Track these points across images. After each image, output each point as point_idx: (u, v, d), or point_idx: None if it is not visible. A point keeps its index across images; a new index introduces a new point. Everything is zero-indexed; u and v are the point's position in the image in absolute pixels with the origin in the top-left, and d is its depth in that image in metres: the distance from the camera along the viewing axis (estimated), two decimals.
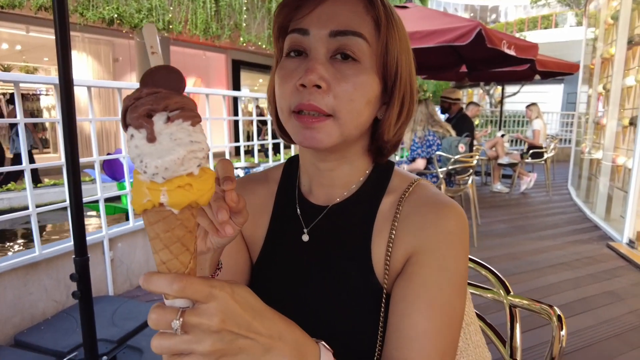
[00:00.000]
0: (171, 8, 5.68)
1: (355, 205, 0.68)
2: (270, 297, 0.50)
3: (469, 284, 1.00)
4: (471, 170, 4.20)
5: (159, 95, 0.36)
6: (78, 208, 1.84)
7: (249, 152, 7.03)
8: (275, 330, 0.43)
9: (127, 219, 4.79)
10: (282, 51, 0.63)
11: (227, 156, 4.18)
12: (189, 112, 0.37)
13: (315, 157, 0.67)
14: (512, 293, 0.95)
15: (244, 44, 6.97)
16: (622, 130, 4.78)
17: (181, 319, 0.37)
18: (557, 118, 12.77)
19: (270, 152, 4.70)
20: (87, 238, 2.68)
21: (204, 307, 0.38)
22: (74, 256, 1.87)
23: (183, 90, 0.38)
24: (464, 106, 5.95)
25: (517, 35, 16.30)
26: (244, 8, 6.55)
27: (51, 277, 2.54)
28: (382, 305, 0.64)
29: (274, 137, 4.70)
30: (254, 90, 14.14)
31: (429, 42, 3.54)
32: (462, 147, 4.01)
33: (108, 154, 3.84)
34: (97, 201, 2.81)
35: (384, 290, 0.64)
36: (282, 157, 4.81)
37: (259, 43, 7.05)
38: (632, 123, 4.36)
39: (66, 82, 1.72)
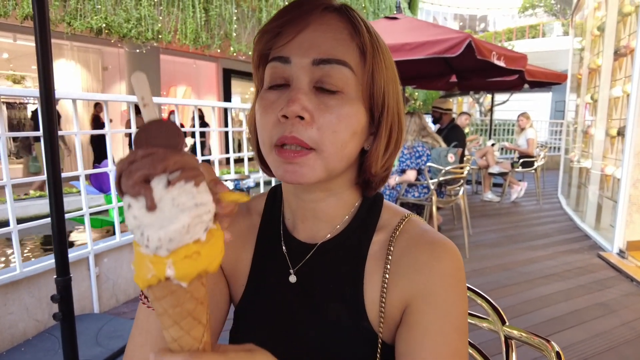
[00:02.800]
0: (160, 18, 5.64)
1: (345, 244, 0.64)
2: (255, 342, 0.46)
3: None
4: (462, 181, 4.19)
5: (155, 157, 0.32)
6: (60, 226, 1.78)
7: (238, 161, 6.95)
8: None
9: (114, 232, 4.73)
10: (262, 81, 0.60)
11: (217, 166, 4.13)
12: (191, 172, 0.33)
13: (299, 189, 0.63)
14: (507, 323, 0.92)
15: (234, 54, 6.95)
16: (610, 140, 4.82)
17: None
18: (546, 126, 12.92)
19: None
20: (72, 254, 2.63)
21: None
22: (55, 276, 1.80)
23: (181, 146, 0.34)
24: (455, 116, 5.97)
25: (506, 44, 16.54)
26: (234, 18, 6.54)
27: (33, 295, 2.46)
28: (378, 354, 0.60)
29: None
30: (245, 98, 14.12)
31: (419, 54, 3.55)
32: (451, 157, 4.00)
33: (95, 165, 3.77)
34: (81, 215, 2.74)
35: (380, 338, 0.60)
36: None
37: (250, 53, 7.02)
38: (620, 133, 4.40)
39: (47, 96, 1.67)
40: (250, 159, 4.47)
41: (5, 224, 2.31)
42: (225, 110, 4.21)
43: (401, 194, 4.06)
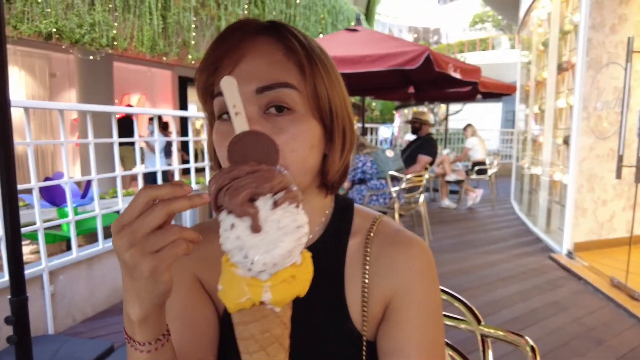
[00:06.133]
0: (115, 24, 5.45)
1: (322, 251, 0.65)
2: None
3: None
4: (421, 189, 4.34)
5: (260, 175, 0.31)
6: (15, 243, 1.68)
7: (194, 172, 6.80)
8: None
9: (69, 247, 4.47)
10: (212, 114, 0.61)
11: (177, 176, 4.03)
12: (293, 192, 0.33)
13: None
14: (482, 323, 0.97)
15: (193, 62, 6.83)
16: (557, 148, 5.14)
17: None
18: (497, 135, 13.57)
19: None
20: (25, 272, 2.46)
21: None
22: (9, 296, 1.69)
23: (278, 162, 0.34)
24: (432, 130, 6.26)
25: (459, 56, 17.27)
26: (193, 26, 6.43)
27: None
28: (364, 353, 0.63)
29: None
30: (201, 107, 13.86)
31: (379, 66, 3.64)
32: (389, 153, 4.28)
33: (47, 178, 3.57)
34: (35, 230, 2.58)
35: (364, 338, 0.63)
36: None
37: None
38: (566, 142, 4.70)
39: (2, 104, 1.58)
40: (212, 168, 4.39)
41: None
42: (184, 119, 4.10)
43: (365, 202, 4.13)
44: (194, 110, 12.96)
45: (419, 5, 29.24)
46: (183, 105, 12.26)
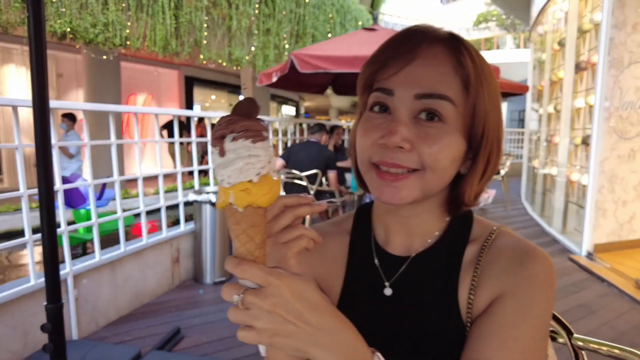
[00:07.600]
0: (129, 24, 5.40)
1: (438, 255, 0.67)
2: None
3: None
4: None
5: (230, 121, 0.46)
6: (52, 246, 1.63)
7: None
8: (326, 325, 0.46)
9: (84, 250, 4.43)
10: (365, 105, 0.64)
11: (196, 177, 3.98)
12: (251, 133, 0.45)
13: (393, 206, 0.66)
14: (574, 335, 0.92)
15: (204, 62, 6.78)
16: (574, 149, 5.09)
17: (241, 295, 0.45)
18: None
19: None
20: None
21: (260, 290, 0.45)
22: (45, 303, 1.64)
23: (255, 114, 0.47)
24: None
25: None
26: (205, 25, 6.38)
27: (6, 324, 2.24)
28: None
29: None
30: (205, 107, 13.85)
31: None
32: None
33: (64, 179, 3.52)
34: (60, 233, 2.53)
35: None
36: None
37: (219, 61, 6.88)
38: (585, 142, 4.65)
39: (41, 106, 1.54)
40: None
41: None
42: (188, 119, 4.04)
43: None
44: (198, 110, 12.91)
45: (422, 4, 29.16)
46: (189, 105, 12.23)
